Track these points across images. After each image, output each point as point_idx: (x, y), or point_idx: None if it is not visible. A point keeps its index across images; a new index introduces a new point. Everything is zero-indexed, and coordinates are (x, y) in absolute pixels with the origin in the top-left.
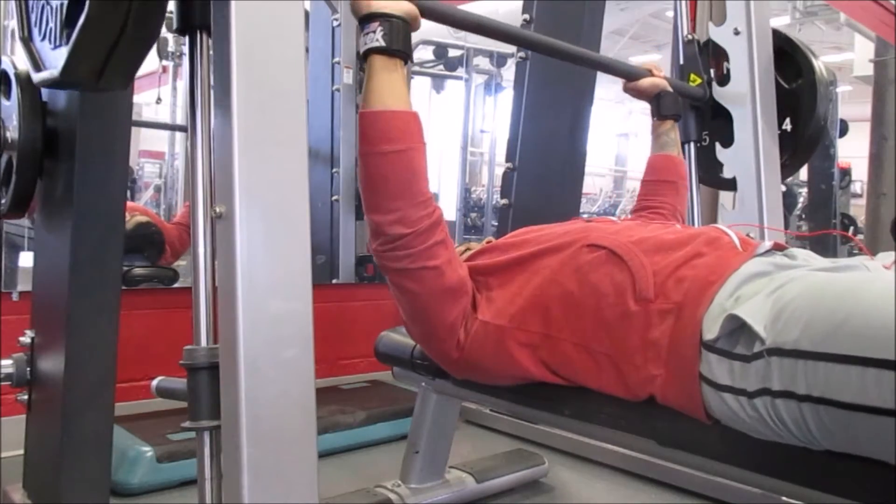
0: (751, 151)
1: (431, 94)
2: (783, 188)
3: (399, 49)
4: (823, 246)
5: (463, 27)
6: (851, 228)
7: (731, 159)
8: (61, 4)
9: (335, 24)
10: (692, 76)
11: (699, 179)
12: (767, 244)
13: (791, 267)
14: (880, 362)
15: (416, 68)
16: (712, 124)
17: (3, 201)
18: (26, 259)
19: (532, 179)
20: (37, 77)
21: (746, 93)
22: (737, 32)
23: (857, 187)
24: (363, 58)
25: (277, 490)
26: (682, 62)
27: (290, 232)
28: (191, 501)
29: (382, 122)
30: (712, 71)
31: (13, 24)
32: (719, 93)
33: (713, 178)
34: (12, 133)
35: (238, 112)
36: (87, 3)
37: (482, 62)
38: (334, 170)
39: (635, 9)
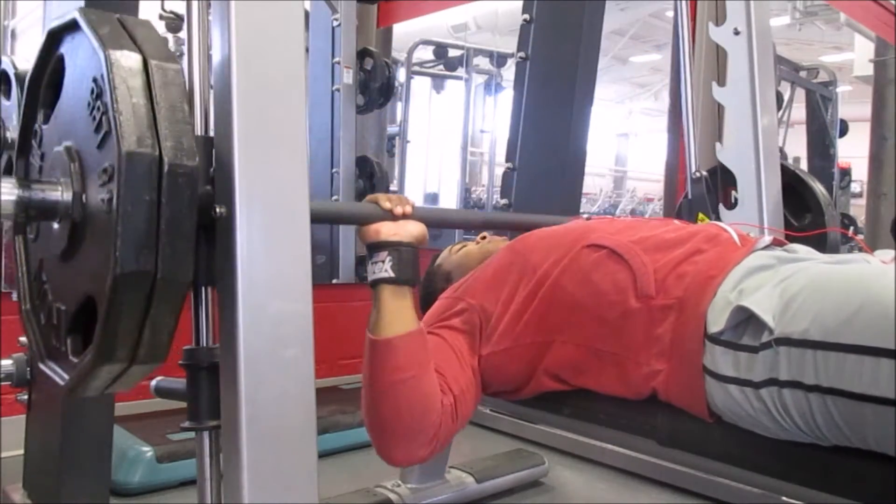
0: (751, 150)
1: (431, 94)
2: None
3: (408, 279)
4: (823, 246)
5: (471, 227)
6: (851, 228)
7: (732, 158)
8: (65, 310)
9: (335, 24)
10: (700, 216)
11: None
12: (767, 239)
13: (793, 261)
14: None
15: (416, 68)
16: None
17: None
18: None
19: (532, 179)
20: (43, 367)
21: (746, 92)
22: (737, 32)
23: (857, 187)
24: (371, 285)
25: (277, 490)
26: (689, 197)
27: (290, 232)
28: (191, 501)
29: (392, 350)
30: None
31: (13, 23)
32: (720, 93)
33: None
34: (12, 133)
35: (238, 112)
36: (95, 341)
37: (482, 62)
38: (334, 170)
39: (635, 9)
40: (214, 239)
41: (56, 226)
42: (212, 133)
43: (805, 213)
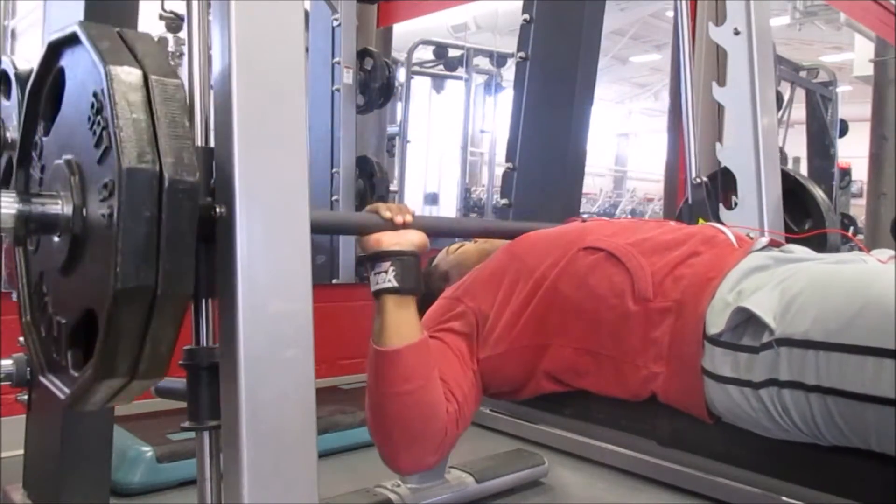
0: (751, 150)
1: (431, 94)
2: None
3: (411, 288)
4: (824, 248)
5: (470, 235)
6: (851, 228)
7: (731, 158)
8: (66, 323)
9: (335, 24)
10: (700, 220)
11: None
12: (764, 240)
13: (790, 261)
14: None
15: (416, 68)
16: None
17: None
18: None
19: (532, 179)
20: (43, 380)
21: (746, 92)
22: (737, 32)
23: (857, 187)
24: (374, 295)
25: (277, 490)
26: (689, 202)
27: (290, 232)
28: (191, 501)
29: (399, 361)
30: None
31: (13, 23)
32: (720, 93)
33: None
34: (12, 133)
35: (238, 112)
36: (95, 356)
37: (482, 62)
38: (334, 170)
39: (635, 9)
40: (215, 252)
41: (56, 239)
42: (212, 136)
43: (806, 218)
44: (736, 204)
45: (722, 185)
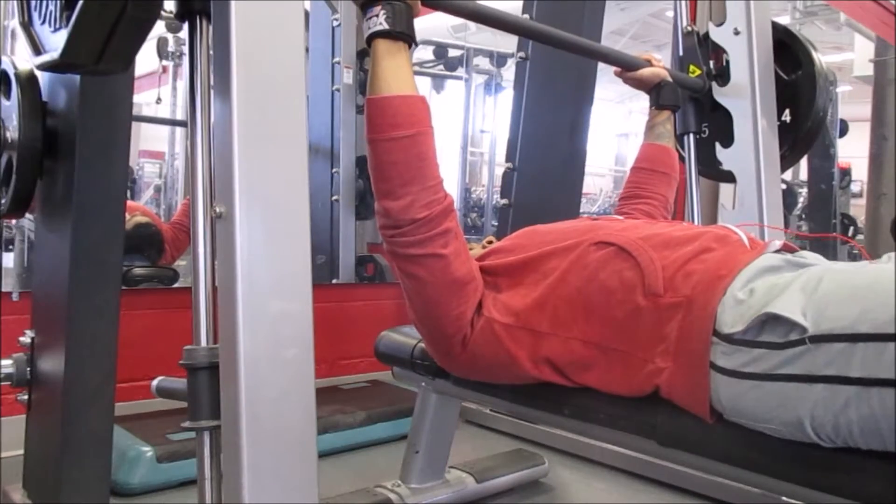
0: (751, 150)
1: (431, 94)
2: (783, 186)
3: (403, 31)
4: (823, 247)
5: (461, 15)
6: (851, 229)
7: (731, 158)
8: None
9: (335, 24)
10: (691, 67)
11: (698, 172)
12: (777, 243)
13: (802, 265)
14: None
15: (417, 68)
16: (711, 117)
17: (3, 201)
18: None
19: (532, 179)
20: (36, 60)
21: (747, 92)
22: (737, 32)
23: (857, 187)
24: (367, 42)
25: (277, 490)
26: (681, 53)
27: (290, 232)
28: (191, 501)
29: (389, 107)
30: (711, 63)
31: (13, 23)
32: (719, 91)
33: (712, 170)
34: (12, 133)
35: (238, 112)
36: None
37: (482, 62)
38: (334, 170)
39: (635, 9)
40: None
41: None
42: (213, 136)
43: (796, 69)
44: (727, 62)
45: (712, 45)
